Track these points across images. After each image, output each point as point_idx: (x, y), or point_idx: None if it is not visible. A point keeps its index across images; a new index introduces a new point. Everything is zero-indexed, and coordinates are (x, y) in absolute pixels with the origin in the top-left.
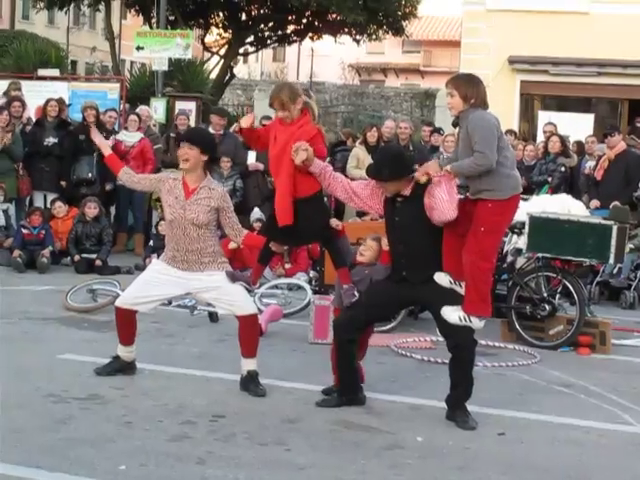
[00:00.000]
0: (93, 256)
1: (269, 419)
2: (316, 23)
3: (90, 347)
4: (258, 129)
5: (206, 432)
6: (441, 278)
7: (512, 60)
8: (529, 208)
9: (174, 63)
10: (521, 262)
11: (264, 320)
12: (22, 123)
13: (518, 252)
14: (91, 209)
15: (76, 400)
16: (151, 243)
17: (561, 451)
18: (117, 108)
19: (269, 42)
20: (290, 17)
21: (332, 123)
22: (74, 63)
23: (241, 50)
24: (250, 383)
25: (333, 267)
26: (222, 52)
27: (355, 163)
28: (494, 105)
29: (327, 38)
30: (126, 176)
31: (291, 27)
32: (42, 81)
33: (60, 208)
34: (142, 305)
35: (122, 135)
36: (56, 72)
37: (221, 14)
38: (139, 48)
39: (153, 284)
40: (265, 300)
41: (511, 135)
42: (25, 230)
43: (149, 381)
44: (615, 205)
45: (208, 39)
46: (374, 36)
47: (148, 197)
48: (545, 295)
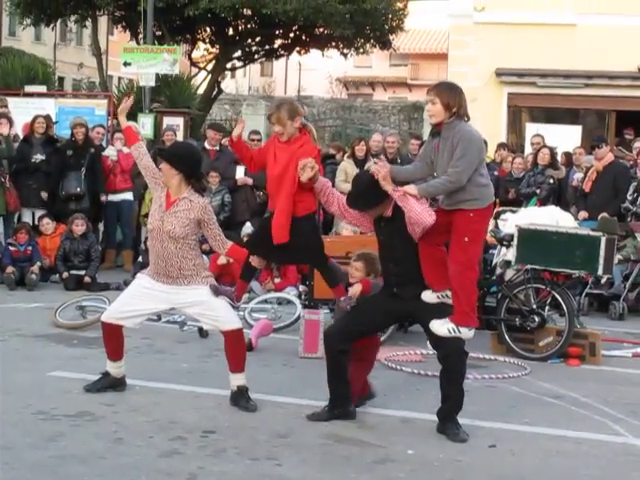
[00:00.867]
0: (82, 273)
1: (260, 434)
2: (303, 37)
3: (80, 364)
4: (251, 150)
5: (197, 447)
6: (428, 296)
7: (499, 72)
8: (518, 220)
9: (161, 79)
10: (510, 274)
11: (254, 335)
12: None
13: (507, 264)
14: (78, 226)
15: (66, 417)
16: (140, 259)
17: (552, 462)
18: (105, 124)
19: (256, 57)
20: (277, 31)
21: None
22: (61, 79)
23: (228, 65)
24: (240, 398)
25: (327, 286)
26: (209, 67)
27: (343, 177)
28: (482, 117)
29: (314, 52)
30: (136, 152)
31: (278, 41)
32: (29, 98)
33: (48, 225)
34: (128, 320)
35: (109, 151)
36: (43, 88)
37: (208, 29)
38: (126, 64)
39: (138, 298)
40: (255, 315)
41: (503, 150)
42: (12, 247)
43: (139, 397)
44: (603, 216)
45: (195, 54)
46: (361, 50)
47: (137, 213)
48: (534, 307)
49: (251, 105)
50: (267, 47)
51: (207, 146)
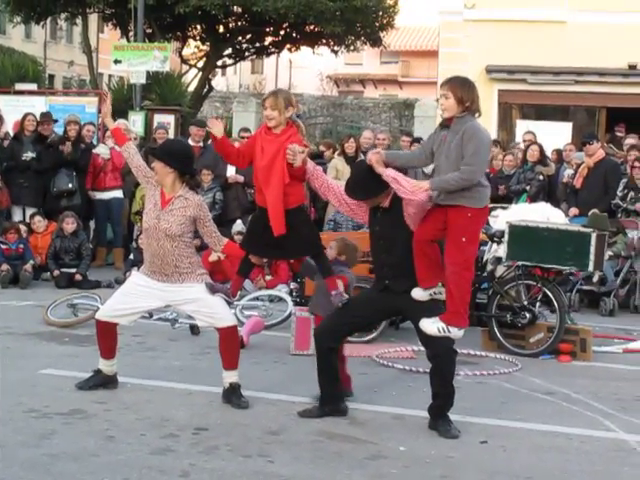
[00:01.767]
0: (73, 270)
1: (252, 431)
2: (294, 34)
3: (71, 362)
4: (236, 147)
5: (189, 445)
6: (419, 294)
7: (490, 69)
8: (509, 217)
9: (152, 76)
10: (501, 271)
11: (245, 332)
12: (0, 138)
13: (498, 261)
14: (69, 224)
15: (58, 415)
16: (131, 257)
17: (544, 458)
18: (95, 122)
19: (247, 54)
20: (268, 29)
21: (311, 135)
22: (52, 77)
23: (219, 62)
24: (232, 395)
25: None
26: (200, 65)
27: (334, 174)
28: None
29: (305, 49)
30: (126, 152)
31: (269, 39)
32: (19, 96)
33: (40, 222)
34: (122, 317)
35: (101, 148)
36: (33, 86)
37: (199, 27)
38: (117, 61)
39: (132, 296)
40: (246, 312)
41: (496, 147)
42: (4, 245)
43: (131, 395)
44: (594, 212)
45: (186, 52)
46: (352, 47)
47: (128, 211)
48: (525, 303)
49: (242, 102)
50: (258, 44)
51: (191, 142)
